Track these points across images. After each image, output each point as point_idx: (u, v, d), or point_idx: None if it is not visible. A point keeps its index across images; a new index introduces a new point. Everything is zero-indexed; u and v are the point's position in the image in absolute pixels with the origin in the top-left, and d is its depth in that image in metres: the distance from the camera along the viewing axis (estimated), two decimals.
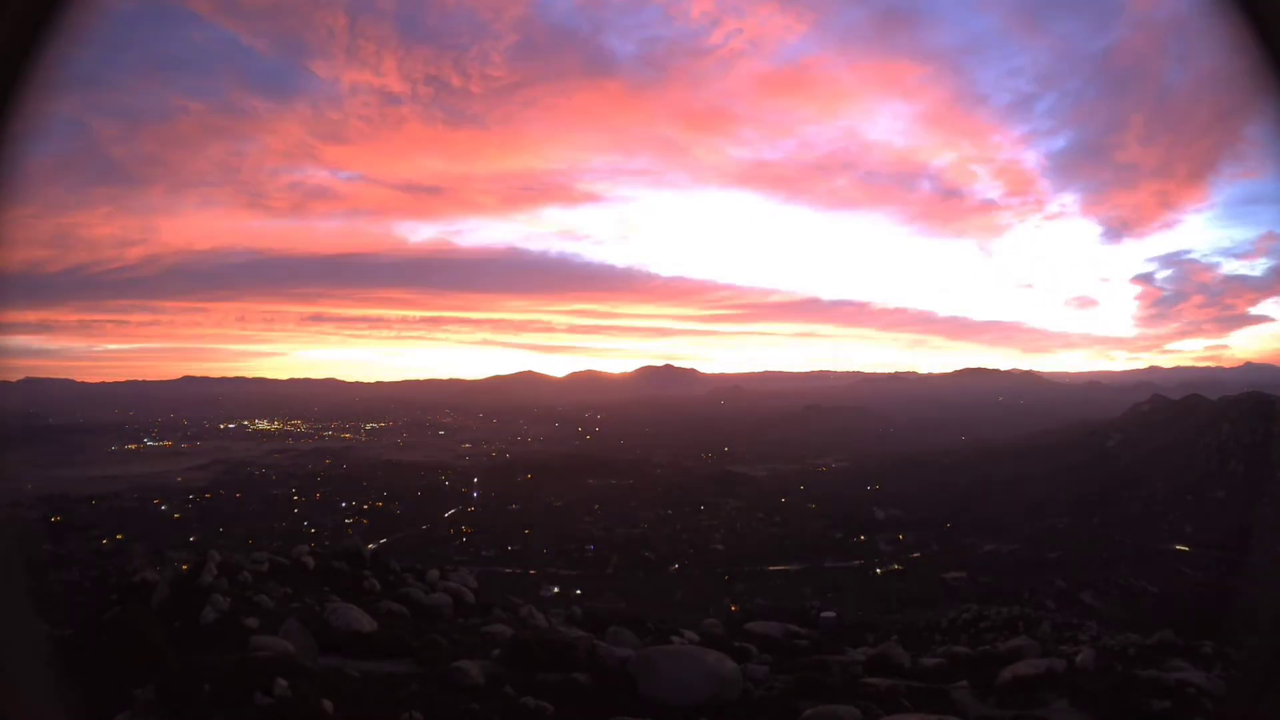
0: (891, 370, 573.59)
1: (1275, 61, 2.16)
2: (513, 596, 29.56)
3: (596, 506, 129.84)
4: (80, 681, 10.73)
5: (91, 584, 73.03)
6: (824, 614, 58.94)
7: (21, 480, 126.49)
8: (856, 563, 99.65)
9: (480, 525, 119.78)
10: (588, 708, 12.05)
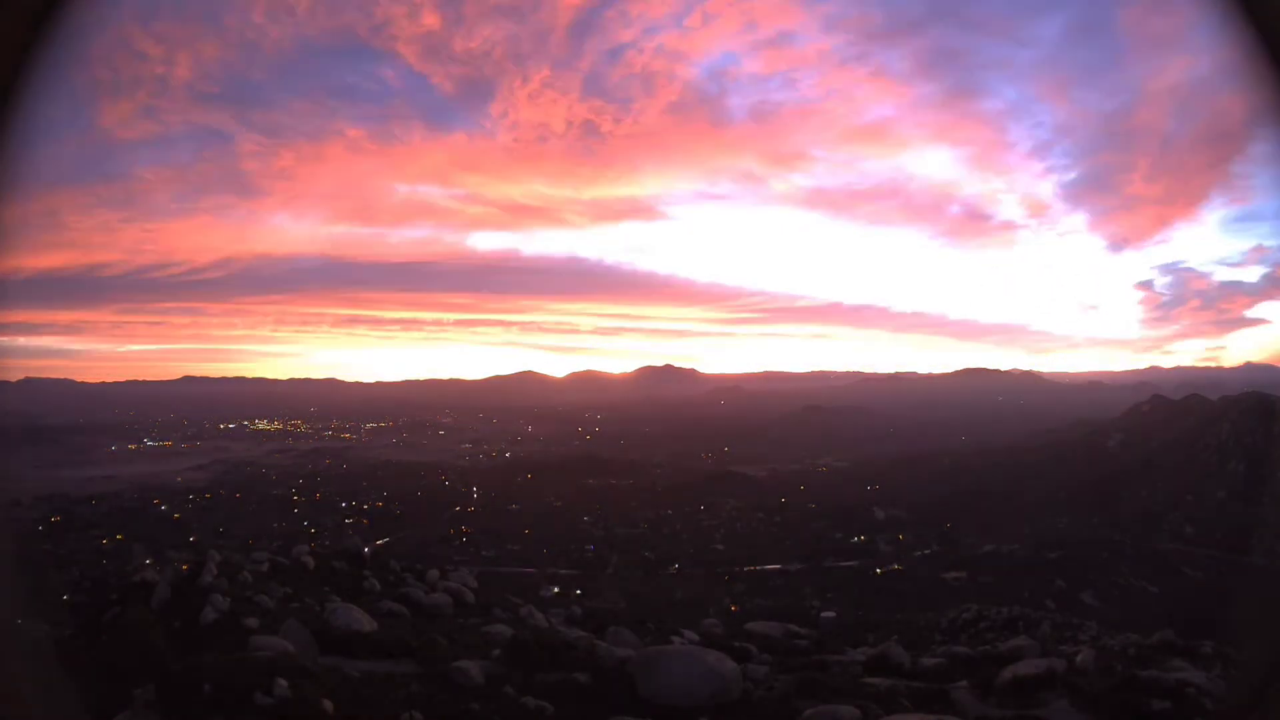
0: (892, 370, 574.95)
1: (1275, 62, 2.16)
2: (513, 596, 29.53)
3: (596, 506, 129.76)
4: (80, 681, 10.73)
5: (91, 584, 73.12)
6: (824, 614, 59.02)
7: (21, 480, 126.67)
8: (856, 563, 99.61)
9: (480, 525, 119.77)
10: (588, 708, 12.05)
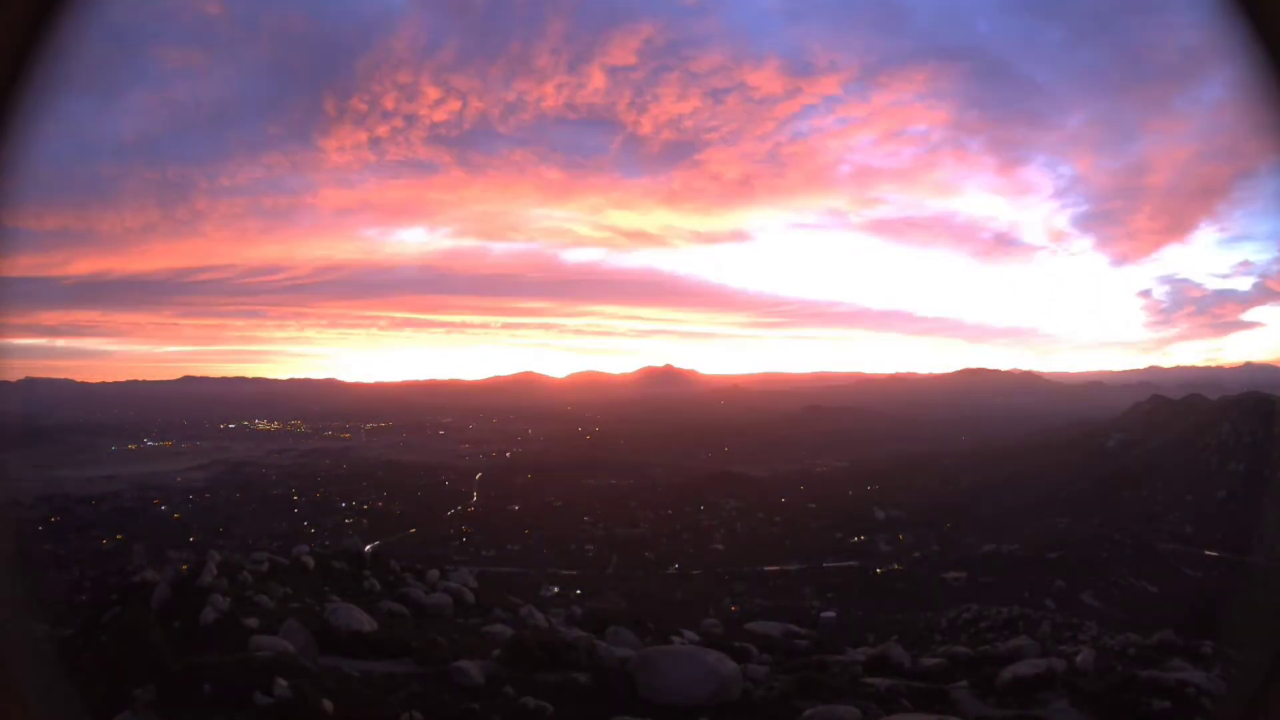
0: (892, 370, 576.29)
1: (1275, 62, 2.16)
2: (513, 596, 29.54)
3: (596, 506, 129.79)
4: (80, 681, 10.72)
5: (91, 584, 73.07)
6: (824, 614, 59.04)
7: (21, 480, 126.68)
8: (856, 563, 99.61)
9: (480, 525, 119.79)
10: (588, 708, 12.05)
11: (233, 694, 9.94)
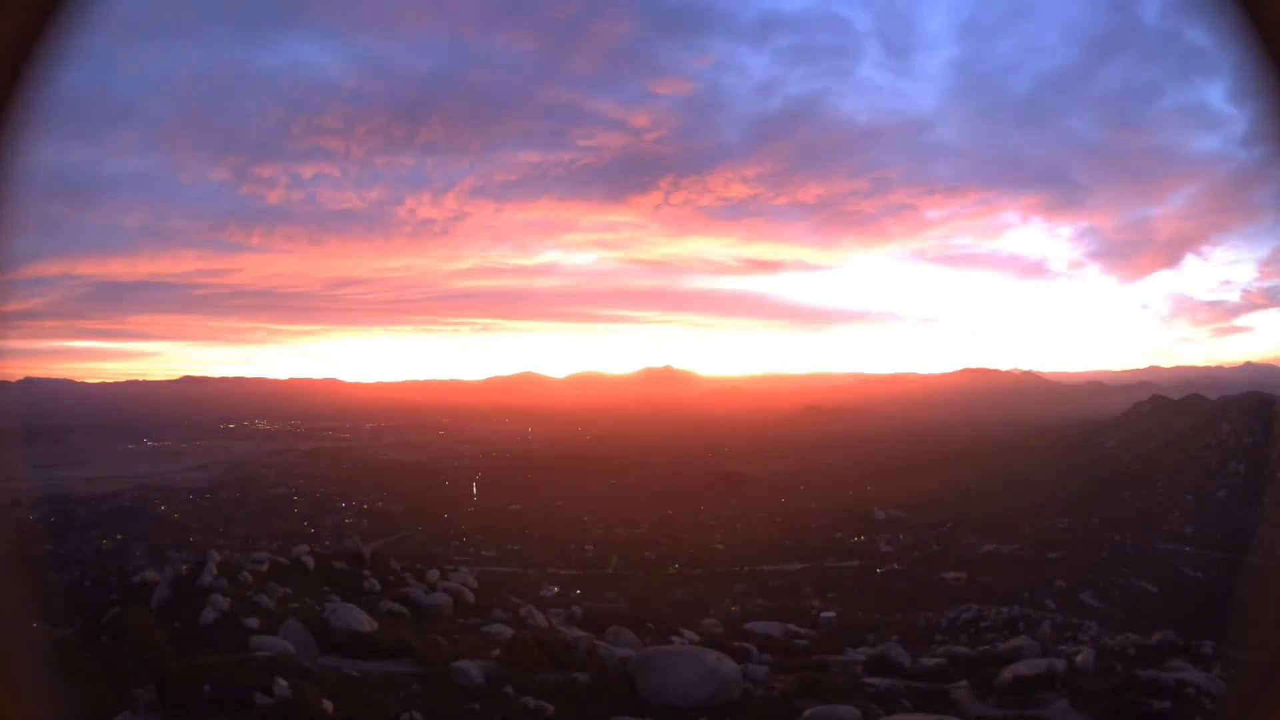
0: (892, 370, 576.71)
1: (1275, 61, 2.16)
2: (513, 596, 29.55)
3: (596, 506, 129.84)
4: (80, 681, 10.72)
5: (91, 584, 73.05)
6: (824, 614, 58.90)
7: (21, 480, 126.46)
8: (856, 563, 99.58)
9: (480, 525, 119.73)
10: (588, 708, 12.06)
11: (233, 694, 9.95)
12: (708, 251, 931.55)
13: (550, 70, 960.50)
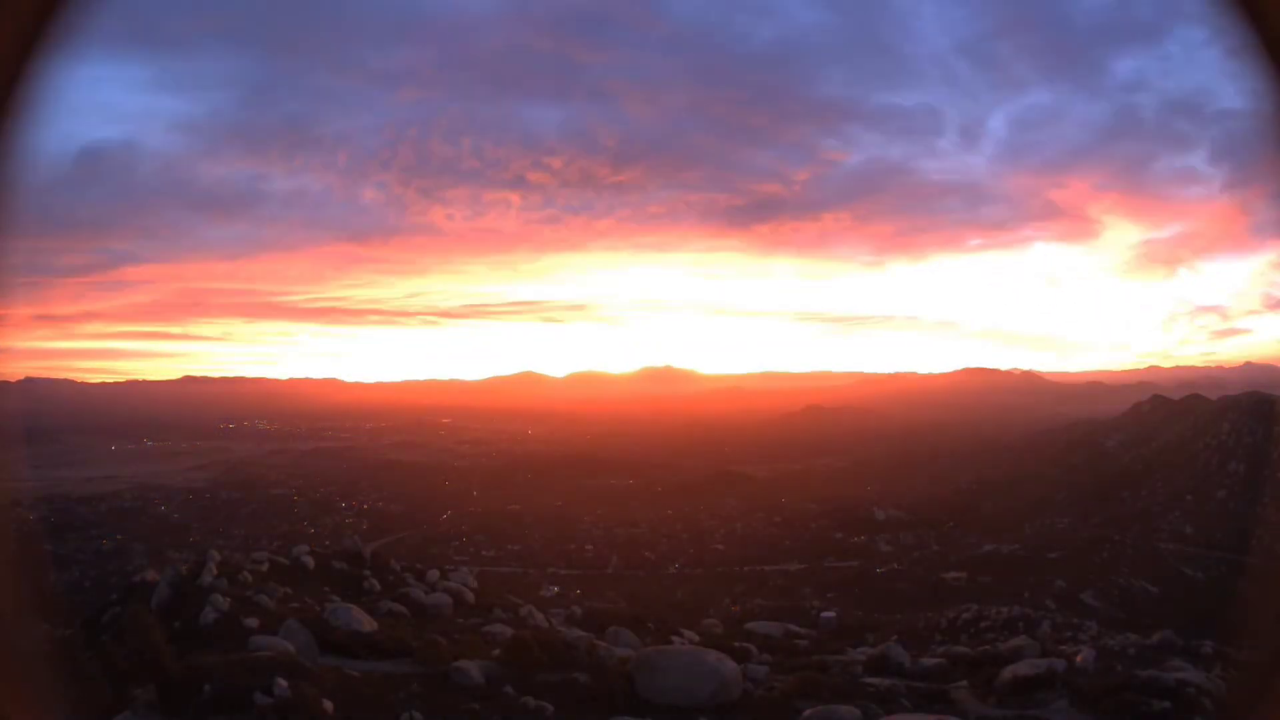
0: (892, 370, 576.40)
1: (1275, 61, 2.16)
2: (513, 596, 29.54)
3: (596, 506, 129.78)
4: (80, 681, 10.72)
5: (91, 584, 73.15)
6: (824, 614, 58.90)
7: (21, 480, 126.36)
8: (856, 563, 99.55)
9: (480, 525, 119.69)
10: (588, 708, 12.06)
11: (233, 694, 9.95)
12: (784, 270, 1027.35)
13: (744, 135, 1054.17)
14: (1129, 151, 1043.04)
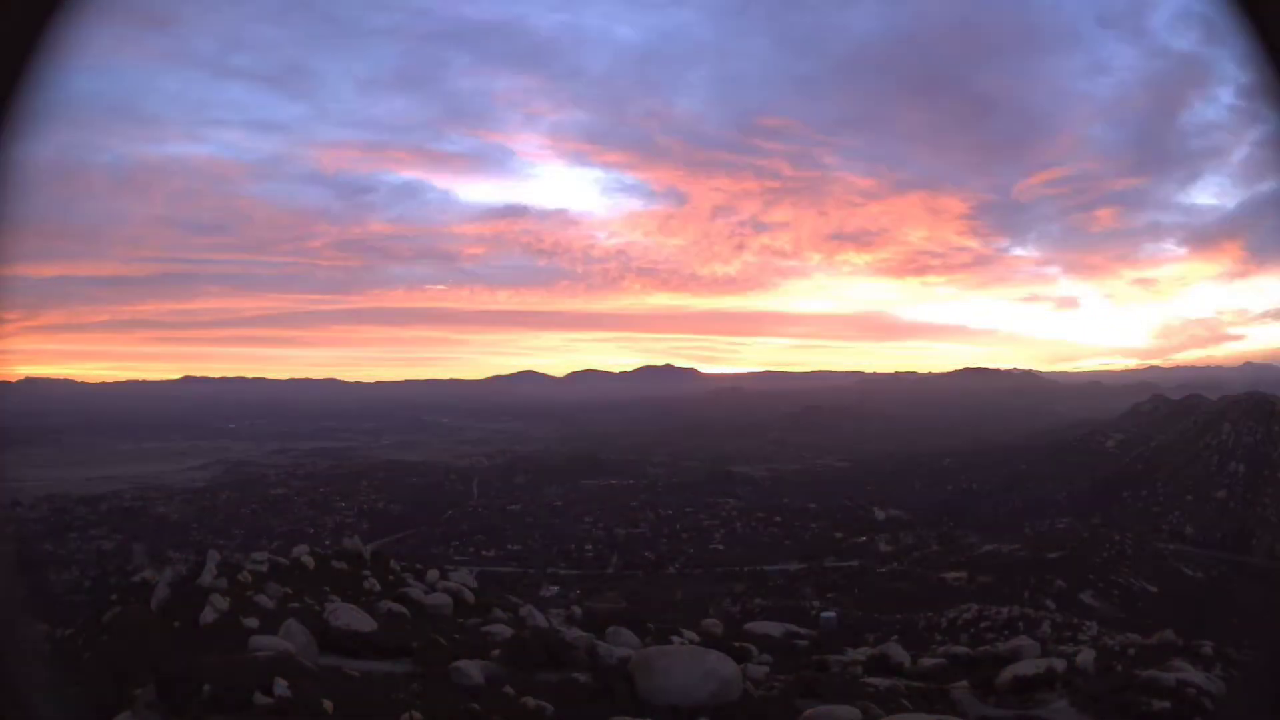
0: (891, 370, 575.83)
1: (1275, 61, 2.16)
2: (513, 596, 29.56)
3: (596, 506, 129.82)
4: (80, 681, 10.73)
5: (91, 584, 73.20)
6: (824, 614, 58.91)
7: (21, 480, 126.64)
8: (856, 563, 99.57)
9: (480, 525, 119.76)
10: (588, 708, 12.06)
11: (233, 694, 9.95)
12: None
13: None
14: None
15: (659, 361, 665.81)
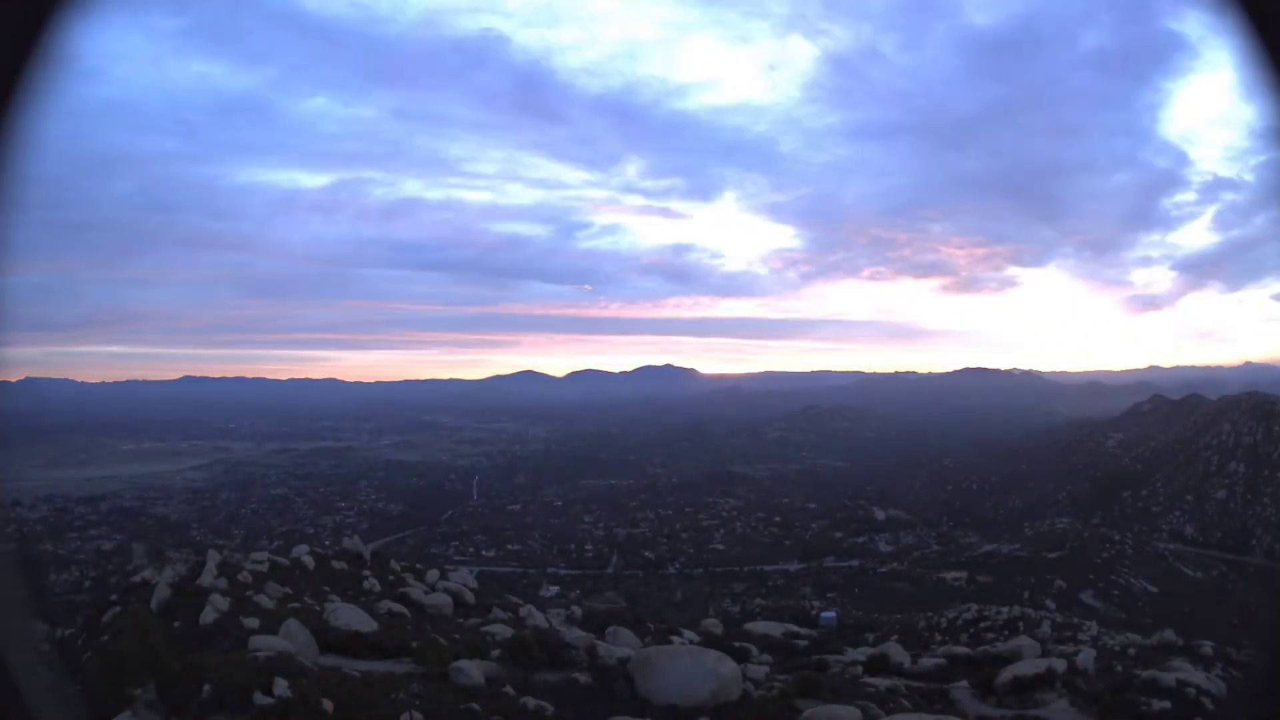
0: (891, 370, 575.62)
1: (1275, 61, 2.16)
2: (513, 596, 29.57)
3: (596, 506, 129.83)
4: (80, 681, 10.74)
5: (91, 584, 73.14)
6: (824, 614, 58.87)
7: (21, 480, 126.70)
8: (856, 563, 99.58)
9: (480, 525, 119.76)
10: (588, 708, 12.06)
11: (233, 694, 9.95)
12: None
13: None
14: None
15: (659, 361, 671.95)
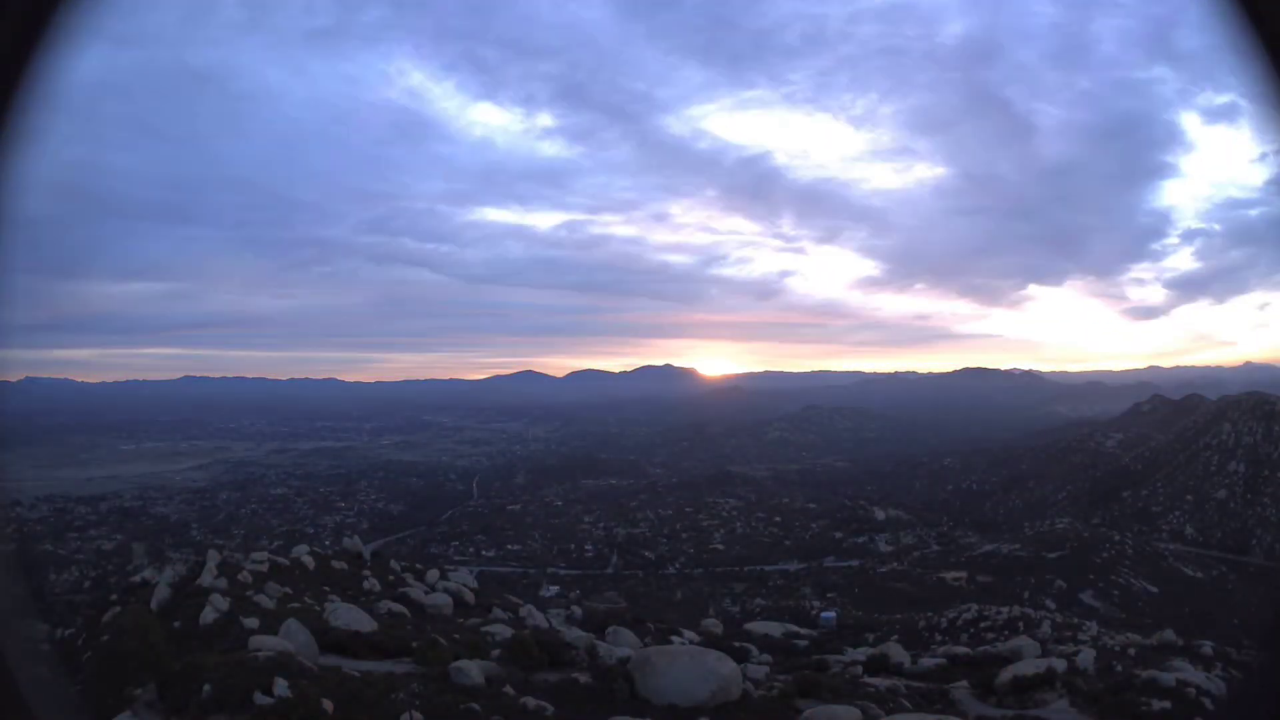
0: (891, 370, 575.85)
1: (1275, 61, 2.16)
2: (513, 596, 29.58)
3: (596, 506, 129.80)
4: (80, 681, 10.74)
5: (91, 584, 73.13)
6: (824, 614, 58.87)
7: (21, 480, 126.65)
8: (856, 563, 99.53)
9: (480, 525, 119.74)
10: (588, 708, 12.06)
11: (233, 694, 9.95)
12: None
13: None
14: None
15: (659, 361, 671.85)
